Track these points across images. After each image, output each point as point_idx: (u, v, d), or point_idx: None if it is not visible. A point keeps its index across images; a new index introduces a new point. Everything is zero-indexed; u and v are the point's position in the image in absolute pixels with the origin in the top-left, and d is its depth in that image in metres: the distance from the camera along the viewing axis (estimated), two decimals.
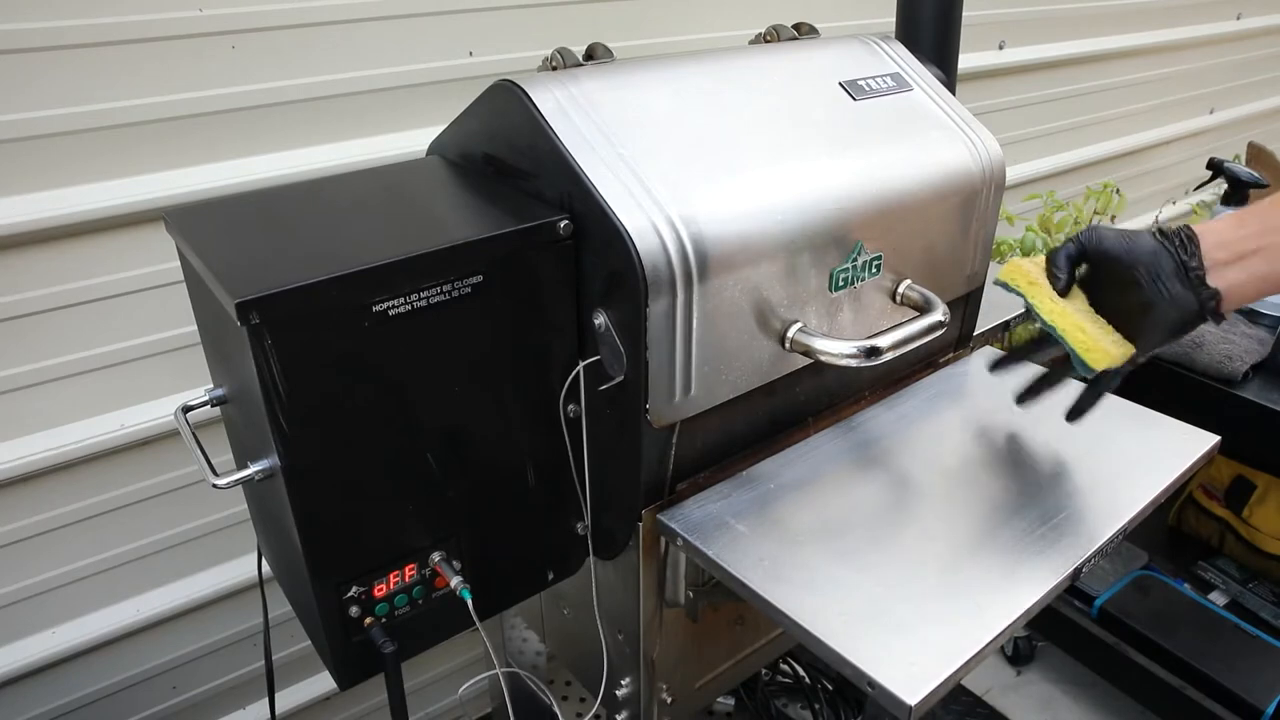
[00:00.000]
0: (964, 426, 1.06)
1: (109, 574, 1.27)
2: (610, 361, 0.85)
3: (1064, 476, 0.98)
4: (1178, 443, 1.04)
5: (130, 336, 1.17)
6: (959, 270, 1.10)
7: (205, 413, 0.98)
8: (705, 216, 0.82)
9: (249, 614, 1.41)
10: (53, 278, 1.09)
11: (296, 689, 1.53)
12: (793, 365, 0.94)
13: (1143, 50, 2.51)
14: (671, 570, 0.97)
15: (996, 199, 1.08)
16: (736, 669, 1.16)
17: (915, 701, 0.70)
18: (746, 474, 0.97)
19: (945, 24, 1.23)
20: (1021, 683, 2.00)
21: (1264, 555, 1.89)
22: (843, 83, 1.02)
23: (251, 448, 0.85)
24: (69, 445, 1.15)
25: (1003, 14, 2.07)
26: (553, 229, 0.82)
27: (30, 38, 0.98)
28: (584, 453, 0.93)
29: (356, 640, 0.85)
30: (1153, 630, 1.75)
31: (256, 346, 0.69)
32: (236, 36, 1.10)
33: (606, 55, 0.97)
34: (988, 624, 0.78)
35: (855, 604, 0.80)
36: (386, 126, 1.26)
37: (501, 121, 0.91)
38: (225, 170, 1.15)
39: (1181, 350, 1.64)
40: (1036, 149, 2.37)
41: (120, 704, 1.36)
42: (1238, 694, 1.62)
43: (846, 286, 0.95)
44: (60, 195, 1.06)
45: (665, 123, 0.89)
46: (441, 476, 0.84)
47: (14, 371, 1.11)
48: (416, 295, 0.75)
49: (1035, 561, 0.85)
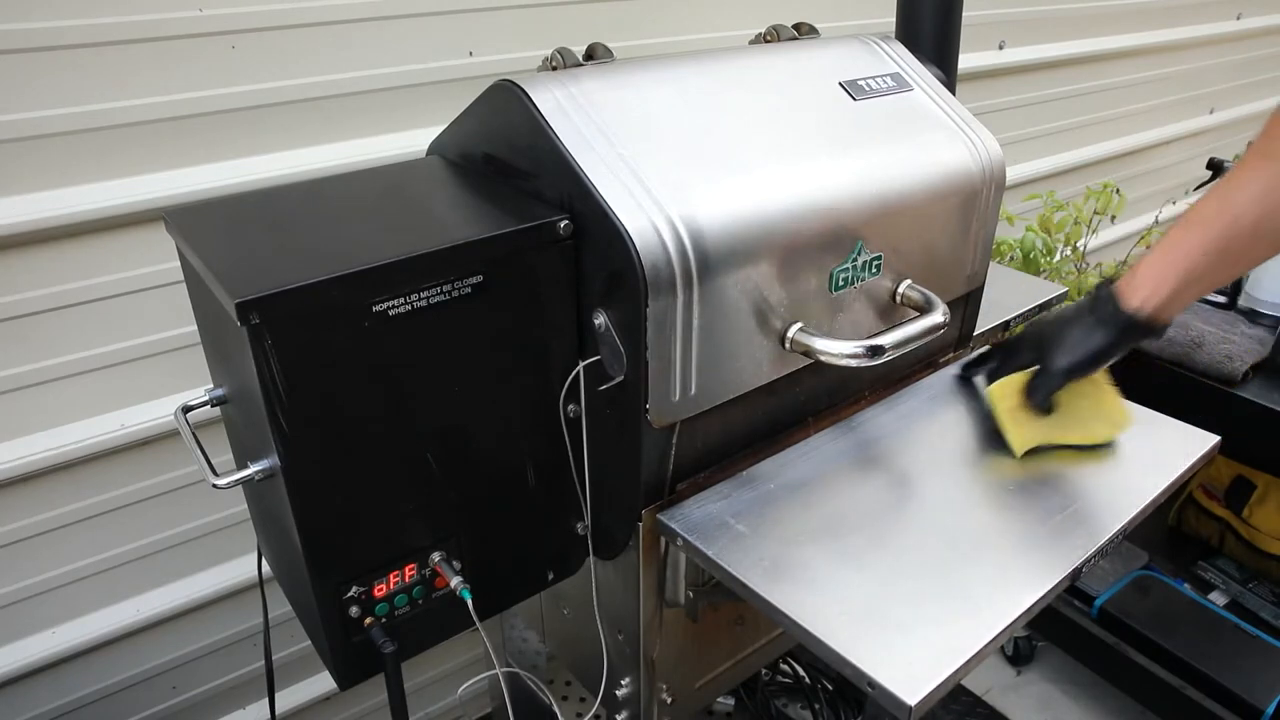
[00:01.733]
0: (964, 427, 1.06)
1: (109, 574, 1.27)
2: (610, 361, 0.85)
3: (1064, 477, 0.98)
4: (1178, 443, 1.04)
5: (130, 336, 1.17)
6: (959, 270, 1.09)
7: (205, 413, 0.98)
8: (705, 216, 0.82)
9: (249, 614, 1.41)
10: (53, 278, 1.09)
11: (296, 689, 1.53)
12: (793, 365, 0.94)
13: (1143, 50, 2.51)
14: (671, 570, 0.97)
15: (996, 199, 1.08)
16: (736, 669, 1.16)
17: (915, 701, 0.70)
18: (746, 474, 0.97)
19: (945, 24, 1.23)
20: (1021, 683, 2.00)
21: (1264, 555, 1.89)
22: (843, 83, 1.02)
23: (251, 448, 0.85)
24: (69, 445, 1.15)
25: (1003, 14, 2.07)
26: (553, 229, 0.82)
27: (30, 38, 0.98)
28: (584, 453, 0.93)
29: (356, 640, 0.85)
30: (1153, 630, 1.75)
31: (256, 346, 0.69)
32: (236, 36, 1.10)
33: (606, 55, 0.97)
34: (988, 624, 0.78)
35: (855, 604, 0.80)
36: (386, 126, 1.26)
37: (501, 121, 0.91)
38: (225, 170, 1.15)
39: (1181, 350, 1.64)
40: (1036, 149, 2.37)
41: (120, 704, 1.36)
42: (1238, 694, 1.62)
43: (846, 286, 0.95)
44: (60, 195, 1.06)
45: (665, 123, 0.89)
46: (441, 476, 0.84)
47: (14, 371, 1.11)
48: (416, 295, 0.75)
49: (1035, 561, 0.85)
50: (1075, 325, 0.93)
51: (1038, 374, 0.96)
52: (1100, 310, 0.91)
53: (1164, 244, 0.86)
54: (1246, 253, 0.82)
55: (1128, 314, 0.88)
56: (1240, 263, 0.84)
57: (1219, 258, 0.82)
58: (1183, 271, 0.84)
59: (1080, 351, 0.92)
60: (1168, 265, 0.85)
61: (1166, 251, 0.86)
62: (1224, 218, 0.80)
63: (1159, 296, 0.86)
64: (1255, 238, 0.79)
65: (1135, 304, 0.88)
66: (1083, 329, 0.92)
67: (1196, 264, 0.83)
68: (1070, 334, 0.93)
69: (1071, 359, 0.92)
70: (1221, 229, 0.81)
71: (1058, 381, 0.94)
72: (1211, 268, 0.83)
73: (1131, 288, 0.89)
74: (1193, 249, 0.83)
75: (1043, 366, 0.96)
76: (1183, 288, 0.85)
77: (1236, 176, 0.80)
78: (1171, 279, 0.85)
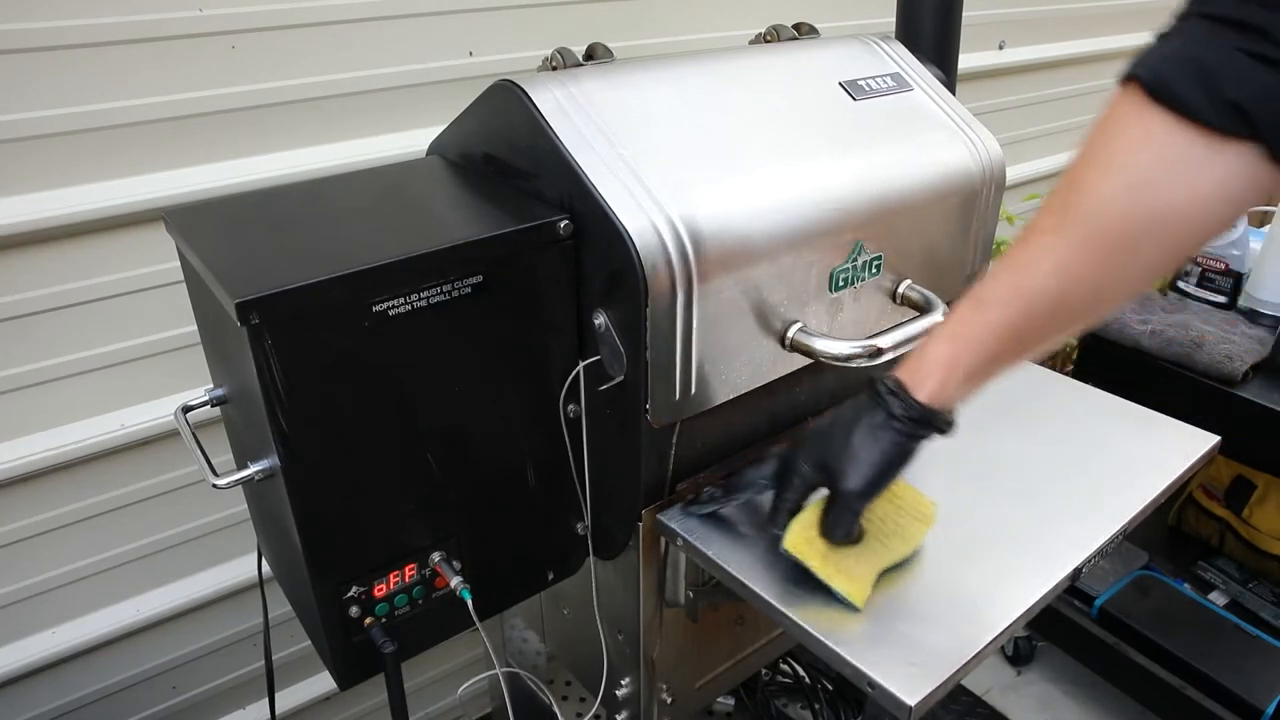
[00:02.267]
0: (963, 427, 1.06)
1: (109, 574, 1.27)
2: (610, 361, 0.85)
3: (1064, 477, 0.98)
4: (1178, 443, 1.04)
5: (130, 336, 1.17)
6: (959, 270, 1.09)
7: (205, 413, 0.98)
8: (705, 216, 0.82)
9: (249, 614, 1.41)
10: (53, 278, 1.09)
11: (296, 689, 1.53)
12: (793, 365, 0.94)
13: None
14: (671, 570, 0.97)
15: (996, 199, 1.08)
16: (736, 669, 1.16)
17: (915, 702, 0.70)
18: (746, 474, 0.97)
19: (945, 24, 1.23)
20: (1021, 683, 2.00)
21: (1264, 555, 1.89)
22: (843, 83, 1.02)
23: (251, 448, 0.85)
24: (69, 445, 1.15)
25: (1003, 14, 2.07)
26: (553, 229, 0.82)
27: (30, 38, 0.98)
28: (584, 453, 0.93)
29: (356, 640, 0.85)
30: (1153, 630, 1.75)
31: (256, 346, 0.69)
32: (236, 36, 1.10)
33: (606, 55, 0.97)
34: (988, 624, 0.78)
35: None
36: (386, 126, 1.26)
37: (501, 121, 0.91)
38: (225, 170, 1.15)
39: (1181, 350, 1.64)
40: (1036, 149, 2.37)
41: (120, 704, 1.36)
42: (1238, 694, 1.62)
43: (846, 286, 0.95)
44: (60, 195, 1.06)
45: (665, 123, 0.89)
46: (441, 476, 0.84)
47: (14, 371, 1.11)
48: (416, 295, 0.75)
49: (1035, 562, 0.85)
50: (857, 432, 0.77)
51: (829, 506, 0.80)
52: (886, 407, 0.76)
53: (950, 327, 0.75)
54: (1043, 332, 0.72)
55: (920, 407, 0.75)
56: (1035, 344, 0.73)
57: (1013, 340, 0.72)
58: (975, 357, 0.73)
59: (871, 465, 0.76)
60: (959, 350, 0.73)
61: (954, 336, 0.74)
62: (1022, 296, 0.69)
63: (950, 385, 0.74)
64: (1053, 315, 0.70)
65: (924, 397, 0.75)
66: (868, 435, 0.76)
67: (989, 348, 0.72)
68: (854, 445, 0.77)
69: (864, 477, 0.77)
70: (1020, 308, 0.70)
71: (857, 507, 0.79)
72: (1004, 351, 0.72)
73: (918, 379, 0.75)
74: (985, 331, 0.72)
75: (833, 494, 0.80)
76: (975, 373, 0.74)
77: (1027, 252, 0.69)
78: (963, 365, 0.73)
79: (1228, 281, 1.77)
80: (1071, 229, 0.66)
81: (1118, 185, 0.63)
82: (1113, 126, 0.63)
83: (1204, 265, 1.79)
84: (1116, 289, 0.69)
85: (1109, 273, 0.67)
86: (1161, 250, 0.65)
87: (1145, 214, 0.62)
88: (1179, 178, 0.60)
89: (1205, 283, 1.80)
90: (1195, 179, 0.60)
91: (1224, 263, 1.76)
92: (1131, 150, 0.62)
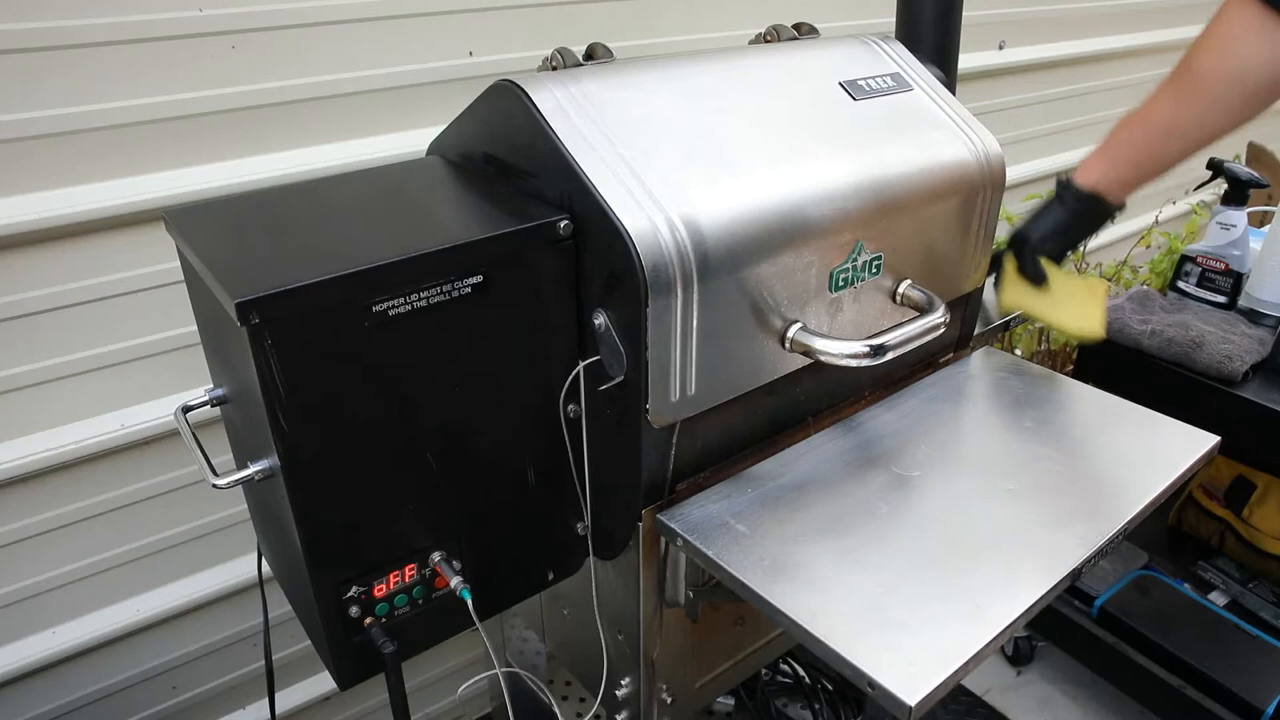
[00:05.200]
0: (964, 427, 1.06)
1: (109, 574, 1.27)
2: (610, 361, 0.85)
3: (1064, 477, 0.98)
4: (1178, 443, 1.04)
5: (130, 336, 1.17)
6: (959, 270, 1.10)
7: (205, 413, 0.98)
8: (705, 216, 0.82)
9: (249, 614, 1.41)
10: (53, 278, 1.09)
11: (296, 689, 1.53)
12: (793, 365, 0.94)
13: (1143, 50, 2.50)
14: (671, 570, 0.97)
15: (996, 199, 1.08)
16: (736, 669, 1.16)
17: (915, 702, 0.70)
18: (746, 474, 0.97)
19: (945, 24, 1.23)
20: (1021, 683, 2.00)
21: (1264, 555, 1.89)
22: (843, 83, 1.02)
23: (251, 448, 0.85)
24: (69, 445, 1.15)
25: (1003, 14, 2.07)
26: (553, 229, 0.82)
27: (30, 38, 0.98)
28: (584, 453, 0.93)
29: (356, 640, 0.85)
30: (1153, 630, 1.75)
31: (256, 346, 0.69)
32: (236, 36, 1.10)
33: (607, 55, 0.97)
34: (988, 624, 0.78)
35: (855, 604, 0.80)
36: (386, 126, 1.26)
37: (501, 121, 0.91)
38: (225, 170, 1.15)
39: (1181, 350, 1.64)
40: (1036, 149, 2.37)
41: (120, 704, 1.36)
42: (1238, 694, 1.62)
43: (846, 286, 0.95)
44: (61, 195, 1.06)
45: (665, 123, 0.89)
46: (441, 476, 0.84)
47: (14, 371, 1.11)
48: (416, 295, 0.75)
49: (1035, 561, 0.85)
50: (1042, 209, 1.13)
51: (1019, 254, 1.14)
52: (1060, 194, 1.10)
53: (1107, 142, 1.08)
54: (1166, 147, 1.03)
55: (1084, 191, 1.07)
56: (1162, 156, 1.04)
57: (1147, 150, 1.04)
58: (1124, 158, 1.06)
59: (1045, 225, 1.11)
60: (1111, 153, 1.07)
61: (1109, 145, 1.07)
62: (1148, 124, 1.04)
63: (1109, 177, 1.07)
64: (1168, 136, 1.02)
65: (1088, 184, 1.07)
66: (1047, 210, 1.12)
67: (1136, 151, 1.05)
68: (1038, 215, 1.12)
69: (1039, 231, 1.11)
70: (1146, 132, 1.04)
71: (1030, 250, 1.12)
72: (1141, 160, 1.05)
73: (1081, 175, 1.08)
74: (1126, 146, 1.06)
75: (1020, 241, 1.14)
76: (1126, 170, 1.06)
77: (1153, 100, 1.03)
78: (1118, 163, 1.06)
79: (1228, 281, 1.77)
80: (1183, 79, 0.99)
81: (1215, 51, 0.96)
82: (1220, 16, 0.95)
83: (1204, 265, 1.79)
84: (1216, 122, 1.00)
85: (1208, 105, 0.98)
86: (1244, 95, 0.96)
87: (1232, 69, 0.95)
88: (1255, 44, 0.92)
89: (1205, 283, 1.80)
90: (1269, 45, 0.92)
91: (1224, 263, 1.76)
92: (1228, 28, 0.94)
